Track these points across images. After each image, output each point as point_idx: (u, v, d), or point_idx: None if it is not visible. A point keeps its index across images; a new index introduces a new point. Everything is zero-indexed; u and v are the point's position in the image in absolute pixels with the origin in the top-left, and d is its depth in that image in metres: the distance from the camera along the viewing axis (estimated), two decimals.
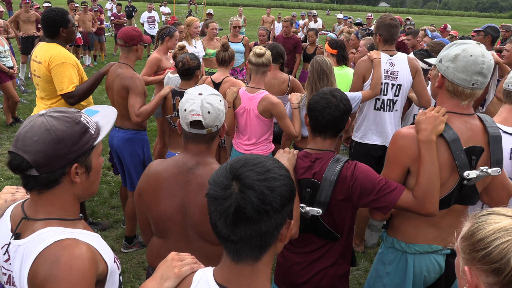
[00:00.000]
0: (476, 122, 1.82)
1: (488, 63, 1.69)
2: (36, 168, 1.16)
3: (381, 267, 2.10)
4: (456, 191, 1.83)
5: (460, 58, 1.70)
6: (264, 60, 3.16)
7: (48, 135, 1.16)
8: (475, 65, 1.67)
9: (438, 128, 1.73)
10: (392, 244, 2.02)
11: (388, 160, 1.91)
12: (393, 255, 2.02)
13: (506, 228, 0.91)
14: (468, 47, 1.71)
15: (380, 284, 2.08)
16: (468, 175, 1.74)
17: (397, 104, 3.54)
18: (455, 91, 1.75)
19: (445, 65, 1.75)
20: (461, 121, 1.78)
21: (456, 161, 1.74)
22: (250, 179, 0.95)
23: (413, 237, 1.95)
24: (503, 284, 0.90)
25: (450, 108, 1.80)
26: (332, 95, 1.91)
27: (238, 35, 6.86)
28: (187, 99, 1.65)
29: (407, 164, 1.83)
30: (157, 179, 1.72)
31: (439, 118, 1.74)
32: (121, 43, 3.38)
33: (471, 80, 1.69)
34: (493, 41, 5.00)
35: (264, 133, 3.29)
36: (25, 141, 1.16)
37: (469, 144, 1.77)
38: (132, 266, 3.61)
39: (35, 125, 1.18)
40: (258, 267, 1.03)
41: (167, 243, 1.74)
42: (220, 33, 10.32)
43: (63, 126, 1.19)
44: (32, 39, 8.80)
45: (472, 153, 1.77)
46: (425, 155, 1.73)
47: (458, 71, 1.70)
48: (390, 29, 3.44)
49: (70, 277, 1.11)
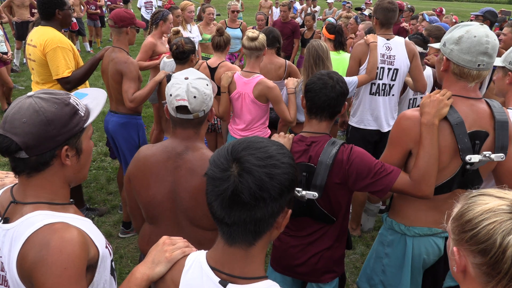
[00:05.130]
0: (483, 106, 1.80)
1: (493, 42, 1.67)
2: (26, 150, 1.14)
3: (380, 248, 2.12)
4: (459, 175, 1.82)
5: (464, 39, 1.68)
6: (257, 44, 3.11)
7: (37, 117, 1.14)
8: (480, 45, 1.66)
9: (441, 112, 1.73)
10: (391, 226, 2.03)
11: (391, 141, 1.91)
12: (392, 237, 2.04)
13: (493, 209, 0.91)
14: (471, 28, 1.70)
15: (379, 265, 2.10)
16: (470, 159, 1.73)
17: (394, 89, 3.52)
18: (461, 73, 1.74)
19: (449, 48, 1.74)
20: (467, 105, 1.77)
21: (459, 145, 1.74)
22: (250, 163, 0.93)
23: (413, 219, 1.95)
24: (489, 264, 0.91)
25: (457, 91, 1.78)
26: (329, 77, 1.91)
27: (236, 20, 6.78)
28: (173, 83, 1.61)
29: (409, 146, 1.83)
30: (146, 164, 1.70)
31: (443, 102, 1.73)
32: (111, 24, 3.34)
33: (476, 60, 1.68)
34: (491, 25, 4.96)
35: (260, 118, 3.27)
36: (13, 123, 1.13)
37: (473, 128, 1.76)
38: (130, 251, 3.63)
39: (23, 107, 1.15)
40: (252, 252, 1.01)
41: (158, 229, 1.73)
42: (217, 18, 10.18)
43: (52, 108, 1.16)
44: (26, 24, 8.66)
45: (476, 138, 1.76)
46: (426, 138, 1.73)
47: (463, 53, 1.69)
48: (387, 13, 3.40)
49: (61, 261, 1.09)
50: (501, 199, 0.93)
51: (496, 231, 0.89)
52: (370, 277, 2.14)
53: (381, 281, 2.08)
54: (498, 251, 0.88)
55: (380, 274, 2.08)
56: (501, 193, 0.96)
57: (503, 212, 0.90)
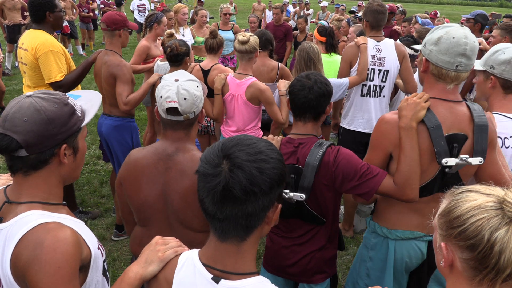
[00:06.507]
0: (463, 109, 1.78)
1: (472, 44, 1.66)
2: (26, 148, 1.16)
3: (364, 251, 2.11)
4: (439, 178, 1.81)
5: (442, 40, 1.68)
6: (248, 47, 3.12)
7: (39, 115, 1.16)
8: (458, 46, 1.65)
9: (418, 115, 1.72)
10: (374, 229, 2.03)
11: (371, 144, 1.91)
12: (375, 240, 2.03)
13: (481, 206, 0.93)
14: (450, 29, 1.70)
15: (364, 268, 2.10)
16: (447, 162, 1.72)
17: (385, 90, 3.55)
18: (440, 74, 1.73)
19: (429, 49, 1.74)
20: (445, 107, 1.76)
21: (435, 148, 1.72)
22: (241, 159, 0.96)
23: (395, 223, 1.94)
24: (477, 259, 0.93)
25: (436, 93, 1.77)
26: (308, 78, 1.91)
27: (228, 23, 6.81)
28: (163, 85, 1.62)
29: (388, 149, 1.83)
30: (137, 167, 1.70)
31: (420, 105, 1.73)
32: (104, 27, 3.34)
33: (454, 62, 1.67)
34: (482, 28, 5.01)
35: (252, 120, 3.29)
36: (14, 121, 1.15)
37: (452, 131, 1.74)
38: (123, 254, 3.63)
39: (23, 106, 1.17)
40: (244, 247, 1.03)
41: (150, 231, 1.73)
42: (211, 21, 10.21)
43: (52, 107, 1.19)
44: (18, 27, 8.63)
45: (454, 141, 1.74)
46: (406, 142, 1.72)
47: (441, 54, 1.69)
48: (377, 15, 3.44)
49: (55, 260, 1.10)
50: (488, 195, 0.95)
51: (484, 227, 0.91)
52: (356, 282, 2.14)
53: (366, 284, 2.07)
54: (486, 246, 0.91)
55: (364, 278, 2.08)
56: (487, 189, 0.98)
57: (490, 208, 0.92)
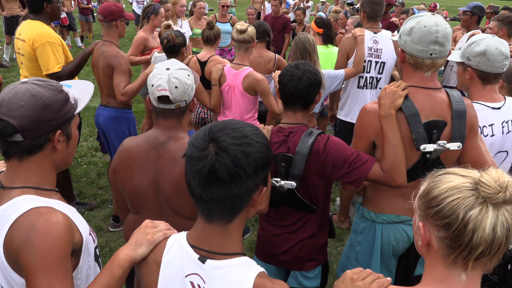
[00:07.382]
0: (441, 95, 1.83)
1: (443, 31, 1.71)
2: (22, 132, 1.18)
3: (353, 236, 2.16)
4: (421, 164, 1.86)
5: (414, 30, 1.74)
6: (246, 37, 3.14)
7: (35, 101, 1.18)
8: (429, 35, 1.70)
9: (396, 102, 1.77)
10: (363, 214, 2.08)
11: (355, 133, 1.96)
12: (364, 225, 2.08)
13: (457, 187, 0.96)
14: (422, 19, 1.75)
15: (353, 253, 2.14)
16: (425, 148, 1.77)
17: (381, 82, 3.56)
18: (416, 63, 1.78)
19: (403, 39, 1.79)
20: (424, 95, 1.80)
21: (413, 135, 1.77)
22: (226, 142, 0.99)
23: (382, 207, 1.99)
24: (452, 237, 0.96)
25: (415, 82, 1.82)
26: (297, 68, 1.93)
27: (226, 15, 6.78)
28: (154, 74, 1.64)
29: (371, 138, 1.88)
30: (130, 155, 1.73)
31: (398, 93, 1.77)
32: (100, 18, 3.34)
33: (428, 50, 1.72)
34: (479, 20, 5.01)
35: (249, 110, 3.30)
36: (10, 106, 1.17)
37: (431, 118, 1.79)
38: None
39: (19, 91, 1.19)
40: (230, 229, 1.07)
41: (142, 218, 1.72)
42: (209, 13, 10.15)
43: (48, 93, 1.21)
44: (16, 18, 8.59)
45: (433, 127, 1.79)
46: (387, 129, 1.77)
47: (415, 43, 1.74)
48: (374, 6, 3.44)
49: (47, 243, 1.13)
50: (465, 177, 0.98)
51: (459, 206, 0.94)
52: (345, 266, 2.18)
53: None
54: (460, 225, 0.94)
55: (354, 262, 2.12)
56: (465, 172, 1.01)
57: (466, 189, 0.95)
